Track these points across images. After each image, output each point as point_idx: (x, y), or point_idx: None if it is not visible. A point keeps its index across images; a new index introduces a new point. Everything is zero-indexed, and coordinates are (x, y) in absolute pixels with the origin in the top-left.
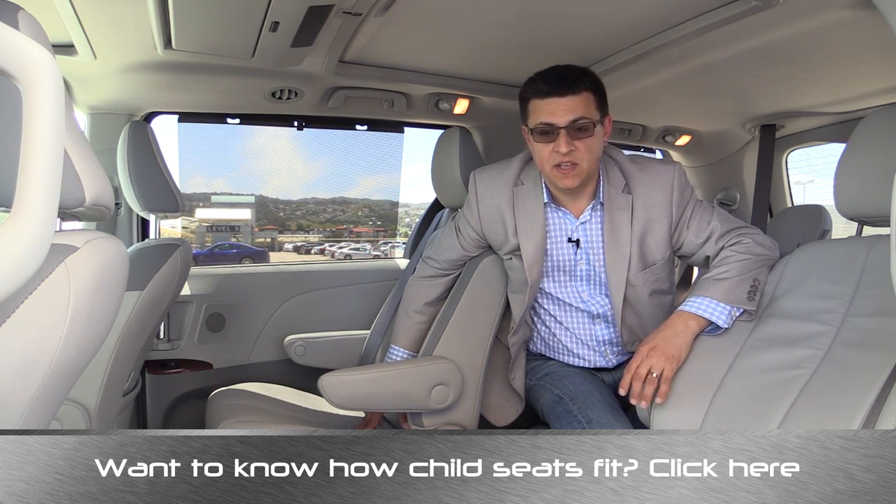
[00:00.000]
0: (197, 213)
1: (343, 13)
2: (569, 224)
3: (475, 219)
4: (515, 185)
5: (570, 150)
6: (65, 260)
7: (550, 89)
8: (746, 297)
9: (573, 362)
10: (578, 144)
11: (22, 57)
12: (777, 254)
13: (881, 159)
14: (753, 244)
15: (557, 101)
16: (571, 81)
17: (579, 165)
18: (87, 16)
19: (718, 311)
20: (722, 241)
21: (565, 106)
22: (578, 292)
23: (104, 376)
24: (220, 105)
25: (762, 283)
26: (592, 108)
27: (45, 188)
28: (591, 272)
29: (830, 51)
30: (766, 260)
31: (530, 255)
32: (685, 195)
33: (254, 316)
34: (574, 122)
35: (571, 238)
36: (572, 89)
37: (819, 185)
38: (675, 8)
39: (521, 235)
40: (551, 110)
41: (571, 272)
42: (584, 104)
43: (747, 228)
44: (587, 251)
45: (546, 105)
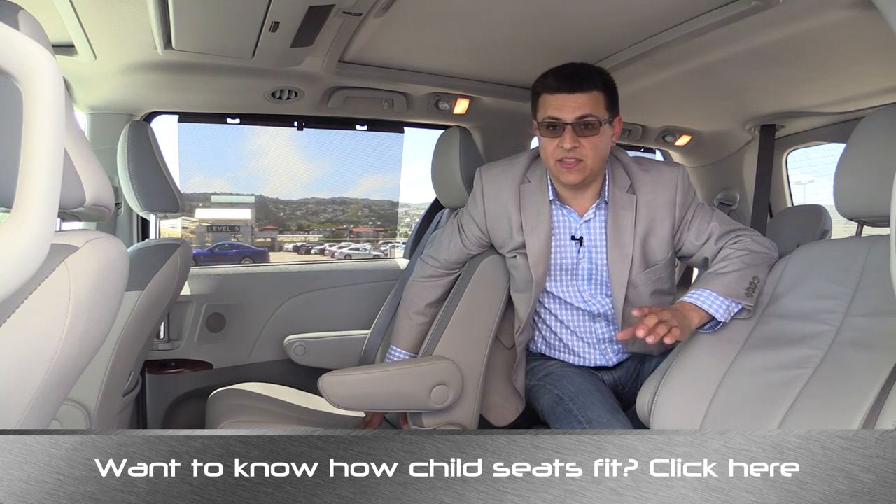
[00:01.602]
0: (197, 213)
1: (343, 13)
2: (573, 222)
3: (480, 215)
4: (522, 183)
5: (575, 146)
6: (65, 260)
7: (560, 85)
8: (745, 293)
9: (574, 361)
10: (584, 142)
11: (22, 57)
12: (776, 254)
13: (881, 159)
14: (752, 243)
15: (566, 97)
16: (582, 79)
17: (583, 162)
18: (87, 16)
19: (717, 305)
20: (721, 242)
21: (573, 102)
22: (580, 291)
23: (104, 376)
24: (220, 105)
25: (761, 281)
26: (601, 108)
27: (45, 188)
28: (592, 271)
29: (830, 51)
30: (766, 258)
31: (536, 253)
32: (688, 197)
33: (254, 316)
34: (580, 118)
35: (574, 236)
36: (582, 87)
37: (819, 185)
38: (676, 8)
39: (527, 232)
40: (559, 105)
41: (573, 271)
42: (592, 102)
43: (746, 230)
44: (590, 250)
45: (555, 100)
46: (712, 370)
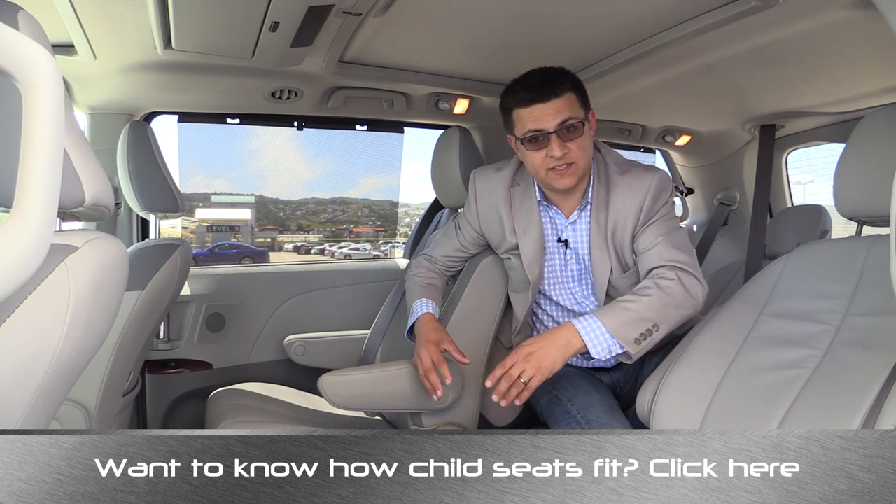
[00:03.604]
0: (197, 213)
1: (343, 13)
2: (559, 224)
3: (474, 217)
4: (511, 186)
5: (564, 152)
6: (65, 260)
7: (534, 96)
8: (634, 340)
9: (570, 361)
10: (570, 145)
11: (22, 57)
12: (699, 306)
13: (881, 159)
14: (678, 285)
15: (543, 106)
16: (552, 84)
17: (574, 164)
18: (87, 16)
19: (599, 341)
20: (655, 265)
21: (551, 110)
22: (572, 293)
23: (104, 376)
24: (220, 105)
25: (661, 332)
26: (577, 107)
27: (45, 188)
28: (581, 272)
29: (830, 51)
30: (682, 307)
31: (529, 254)
32: (656, 205)
33: (254, 316)
34: (562, 123)
35: (560, 238)
36: (555, 92)
37: (819, 185)
38: (675, 8)
39: (519, 235)
40: (538, 117)
41: (563, 272)
42: (568, 105)
43: (687, 266)
44: (576, 251)
45: (531, 112)
46: (712, 370)
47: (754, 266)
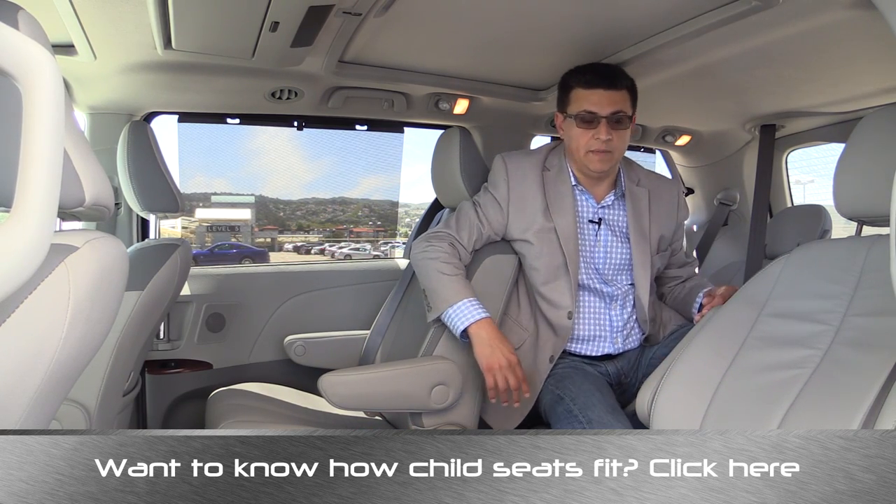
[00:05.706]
0: (197, 213)
1: (343, 13)
2: (591, 207)
3: (504, 197)
4: (543, 170)
5: (609, 138)
6: (65, 260)
7: (598, 80)
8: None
9: (581, 350)
10: (615, 135)
11: (22, 57)
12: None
13: (881, 159)
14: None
15: (603, 92)
16: (615, 77)
17: (612, 153)
18: (87, 16)
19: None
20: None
21: (609, 98)
22: (599, 273)
23: (104, 376)
24: (220, 105)
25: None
26: (629, 105)
27: (45, 188)
28: (609, 254)
29: (830, 51)
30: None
31: (565, 231)
32: (682, 213)
33: (254, 316)
34: (614, 113)
35: (593, 219)
36: (615, 84)
37: (819, 185)
38: (675, 8)
39: (554, 214)
40: (596, 100)
41: (592, 251)
42: (624, 99)
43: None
44: (607, 233)
45: (591, 95)
46: (712, 370)
47: (754, 266)
